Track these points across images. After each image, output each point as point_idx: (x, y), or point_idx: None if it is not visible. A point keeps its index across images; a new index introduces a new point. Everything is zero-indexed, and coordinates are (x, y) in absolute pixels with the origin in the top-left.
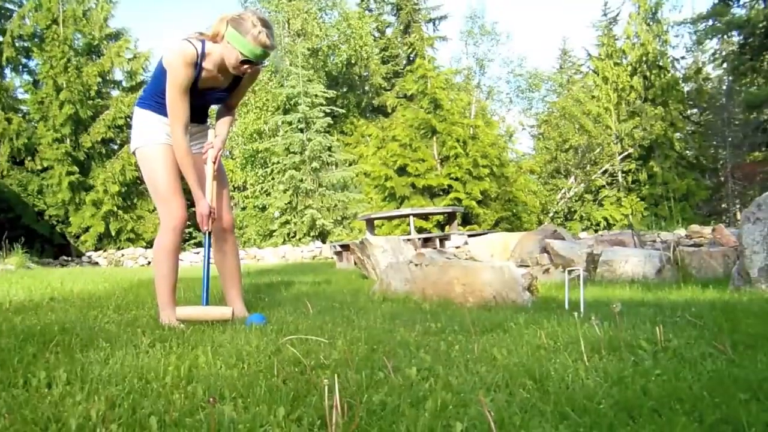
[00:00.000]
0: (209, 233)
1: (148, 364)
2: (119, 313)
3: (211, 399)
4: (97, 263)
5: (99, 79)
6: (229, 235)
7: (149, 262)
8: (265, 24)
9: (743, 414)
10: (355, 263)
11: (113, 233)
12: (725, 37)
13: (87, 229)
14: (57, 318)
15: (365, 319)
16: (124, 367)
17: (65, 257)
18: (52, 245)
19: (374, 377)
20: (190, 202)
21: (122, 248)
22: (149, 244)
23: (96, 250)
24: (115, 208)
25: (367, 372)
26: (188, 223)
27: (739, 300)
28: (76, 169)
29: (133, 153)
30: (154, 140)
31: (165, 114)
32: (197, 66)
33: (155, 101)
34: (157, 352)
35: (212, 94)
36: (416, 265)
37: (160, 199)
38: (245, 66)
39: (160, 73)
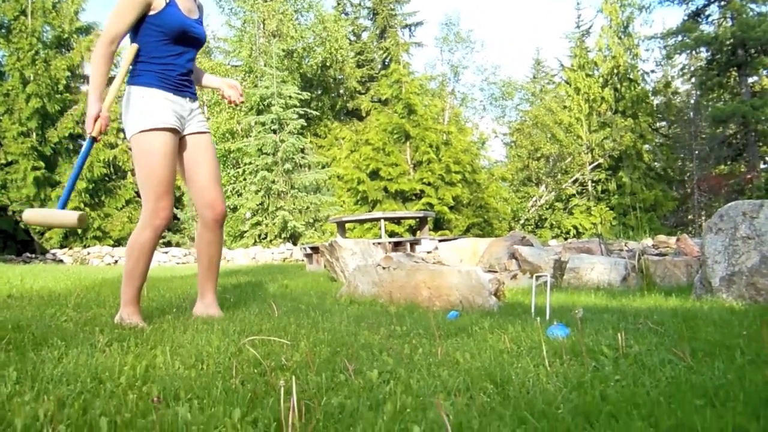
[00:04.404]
0: (93, 139)
1: (103, 363)
2: (78, 311)
3: (155, 398)
4: (61, 261)
5: (68, 73)
6: (219, 227)
7: (116, 261)
8: None
9: (698, 420)
10: (325, 266)
11: (79, 231)
12: (694, 52)
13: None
14: (12, 315)
15: (330, 321)
16: (77, 366)
17: (29, 254)
18: (15, 241)
19: (335, 379)
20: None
21: (88, 246)
22: (116, 243)
23: (61, 247)
24: (82, 205)
25: (328, 374)
26: None
27: (700, 308)
28: (41, 164)
29: (129, 137)
30: (159, 121)
31: (169, 86)
32: None
33: (150, 69)
34: (114, 351)
35: (193, 25)
36: (384, 268)
37: (150, 194)
38: None
39: (142, 31)
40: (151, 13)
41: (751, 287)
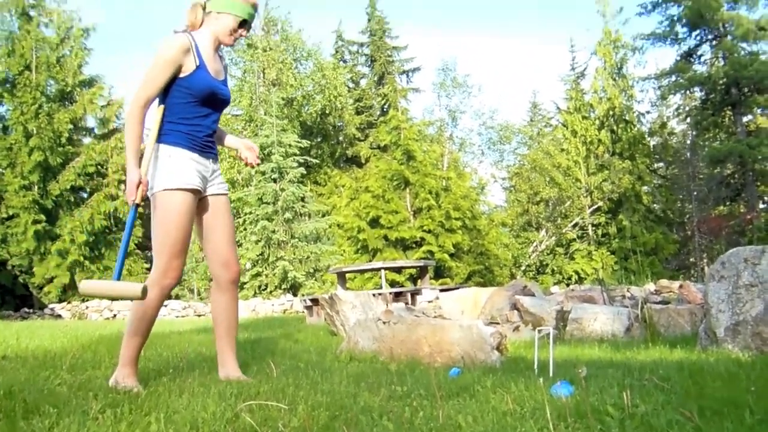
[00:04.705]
0: (137, 206)
1: None
2: (73, 373)
3: None
4: (59, 316)
5: (70, 126)
6: (235, 288)
7: (114, 315)
8: None
9: None
10: (325, 319)
11: (78, 284)
12: (688, 92)
13: (51, 280)
14: (4, 380)
15: (330, 381)
16: None
17: (27, 309)
18: (13, 296)
19: None
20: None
21: (87, 300)
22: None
23: (60, 301)
24: (82, 258)
25: None
26: None
27: (706, 361)
28: (42, 217)
29: (151, 194)
30: (184, 182)
31: (195, 147)
32: (197, 52)
33: (178, 129)
34: (107, 418)
35: (221, 88)
36: (384, 323)
37: (165, 253)
38: (241, 30)
39: (171, 93)
40: (182, 75)
41: (757, 337)
